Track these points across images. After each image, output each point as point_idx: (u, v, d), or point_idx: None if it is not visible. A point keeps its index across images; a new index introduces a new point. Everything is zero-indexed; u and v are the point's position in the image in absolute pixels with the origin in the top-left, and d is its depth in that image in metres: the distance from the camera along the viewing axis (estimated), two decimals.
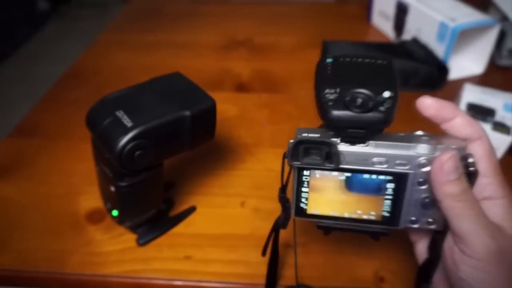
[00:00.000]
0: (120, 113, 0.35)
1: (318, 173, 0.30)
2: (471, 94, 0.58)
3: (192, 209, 0.48)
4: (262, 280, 0.40)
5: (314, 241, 0.44)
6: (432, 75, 0.68)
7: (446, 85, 0.69)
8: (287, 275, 0.41)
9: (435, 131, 0.31)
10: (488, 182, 0.28)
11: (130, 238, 0.44)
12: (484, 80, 0.71)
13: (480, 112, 0.55)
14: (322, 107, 0.28)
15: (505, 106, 0.56)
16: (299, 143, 0.29)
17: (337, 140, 0.29)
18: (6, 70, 2.19)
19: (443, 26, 0.68)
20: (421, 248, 0.33)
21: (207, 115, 0.39)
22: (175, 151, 0.39)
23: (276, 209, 0.48)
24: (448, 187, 0.27)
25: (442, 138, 0.29)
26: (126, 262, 0.42)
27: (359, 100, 0.27)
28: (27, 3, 2.49)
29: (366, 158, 0.29)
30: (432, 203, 0.29)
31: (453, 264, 0.28)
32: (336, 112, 0.27)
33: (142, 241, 0.44)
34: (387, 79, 0.28)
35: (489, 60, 0.72)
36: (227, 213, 0.48)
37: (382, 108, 0.27)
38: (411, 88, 0.69)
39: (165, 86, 0.40)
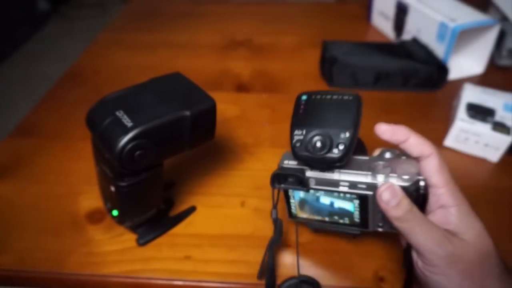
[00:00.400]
0: (120, 113, 0.35)
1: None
2: (471, 94, 0.58)
3: (192, 209, 0.48)
4: (262, 280, 0.40)
5: (313, 242, 0.44)
6: (432, 75, 0.68)
7: (446, 85, 0.69)
8: (288, 274, 0.41)
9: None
10: (441, 193, 0.33)
11: (130, 238, 0.44)
12: (484, 80, 0.71)
13: (480, 112, 0.55)
14: (292, 147, 0.35)
15: (505, 106, 0.56)
16: (277, 175, 0.37)
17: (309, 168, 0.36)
18: (6, 70, 2.19)
19: (443, 26, 0.68)
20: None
21: (207, 115, 0.39)
22: (175, 151, 0.39)
23: None
24: (390, 212, 0.32)
25: (401, 163, 0.34)
26: (126, 262, 0.42)
27: (318, 144, 0.33)
28: (27, 3, 2.49)
29: (333, 182, 0.35)
30: None
31: (420, 272, 0.33)
32: (300, 153, 0.34)
33: (142, 241, 0.44)
34: (348, 118, 0.34)
35: (489, 60, 0.72)
36: (227, 213, 0.47)
37: (336, 151, 0.33)
38: (411, 88, 0.69)
39: (165, 86, 0.40)
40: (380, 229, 0.39)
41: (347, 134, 0.33)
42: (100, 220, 0.46)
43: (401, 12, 0.80)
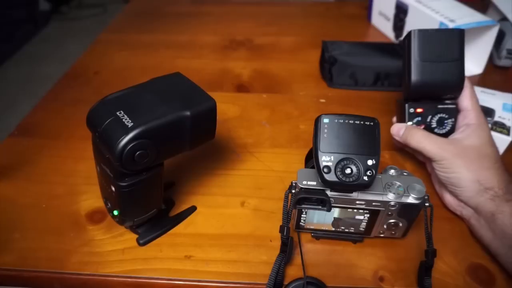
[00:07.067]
0: (120, 113, 0.35)
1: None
2: None
3: (192, 209, 0.48)
4: (262, 280, 0.40)
5: (314, 242, 0.44)
6: None
7: None
8: (292, 274, 0.41)
9: None
10: (469, 113, 0.47)
11: (130, 238, 0.44)
12: (483, 80, 0.72)
13: None
14: (320, 172, 0.36)
15: (504, 106, 0.56)
16: (301, 199, 0.38)
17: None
18: (6, 70, 2.19)
19: (442, 27, 0.68)
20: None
21: (207, 115, 0.39)
22: (176, 151, 0.39)
23: (276, 208, 0.48)
24: (402, 136, 0.48)
25: (409, 182, 0.39)
26: (127, 261, 0.42)
27: (348, 171, 0.36)
28: (28, 4, 2.49)
29: (351, 201, 0.38)
30: (395, 224, 0.41)
31: (440, 175, 0.45)
32: (329, 179, 0.36)
33: (143, 241, 0.44)
34: (372, 144, 0.36)
35: (488, 61, 0.72)
36: (227, 213, 0.48)
37: (365, 178, 0.35)
38: None
39: (166, 86, 0.40)
40: (381, 235, 0.43)
41: (374, 161, 0.36)
42: (100, 220, 0.46)
43: (401, 13, 0.80)
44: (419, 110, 0.50)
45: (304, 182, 0.38)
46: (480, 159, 0.43)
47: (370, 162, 0.36)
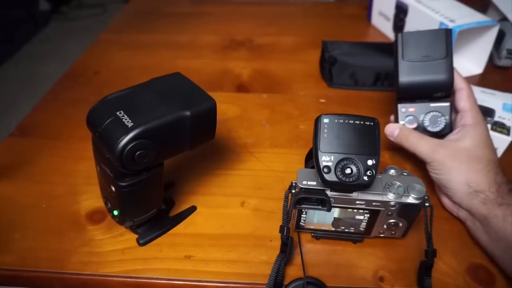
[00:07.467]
0: (120, 113, 0.35)
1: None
2: None
3: (192, 209, 0.48)
4: (262, 280, 0.40)
5: (314, 242, 0.44)
6: None
7: None
8: (292, 274, 0.41)
9: None
10: (466, 113, 0.46)
11: (130, 238, 0.44)
12: (483, 80, 0.72)
13: None
14: (320, 172, 0.36)
15: (504, 106, 0.56)
16: (301, 199, 0.38)
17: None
18: (6, 70, 2.19)
19: (442, 27, 0.68)
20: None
21: (207, 115, 0.39)
22: (176, 151, 0.39)
23: (276, 208, 0.48)
24: (395, 137, 0.49)
25: (409, 181, 0.39)
26: (127, 261, 0.42)
27: (348, 171, 0.36)
28: (28, 4, 2.49)
29: (351, 201, 0.38)
30: (395, 224, 0.41)
31: (433, 175, 0.45)
32: (329, 179, 0.36)
33: (143, 241, 0.44)
34: (372, 144, 0.36)
35: (488, 61, 0.72)
36: (227, 213, 0.48)
37: (365, 178, 0.35)
38: None
39: (166, 86, 0.40)
40: (381, 235, 0.43)
41: (374, 161, 0.36)
42: (100, 220, 0.47)
43: (401, 13, 0.80)
44: (411, 109, 0.50)
45: (304, 182, 0.38)
46: (470, 161, 0.43)
47: (370, 162, 0.36)
